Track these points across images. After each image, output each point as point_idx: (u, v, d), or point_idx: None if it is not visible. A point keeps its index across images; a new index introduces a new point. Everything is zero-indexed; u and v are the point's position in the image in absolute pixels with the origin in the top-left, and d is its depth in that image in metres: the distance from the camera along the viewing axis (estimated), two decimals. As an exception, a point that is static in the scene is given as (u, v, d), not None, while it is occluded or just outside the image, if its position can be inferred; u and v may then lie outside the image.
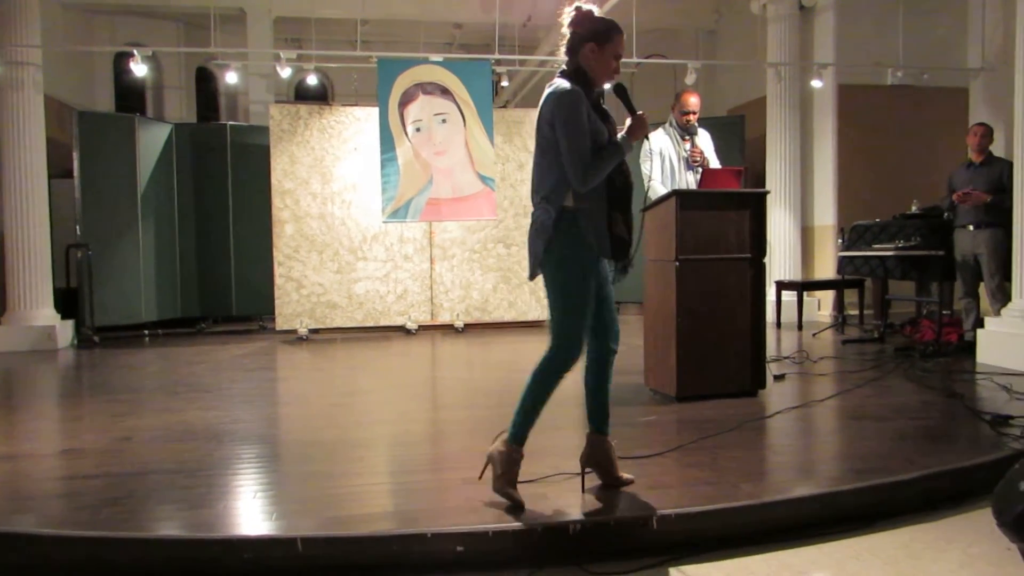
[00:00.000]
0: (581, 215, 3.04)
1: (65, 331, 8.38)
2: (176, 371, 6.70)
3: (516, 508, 2.99)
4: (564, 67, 3.20)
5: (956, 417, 4.46)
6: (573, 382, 3.30)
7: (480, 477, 3.24)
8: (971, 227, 6.65)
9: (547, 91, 3.14)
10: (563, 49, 3.22)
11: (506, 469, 3.10)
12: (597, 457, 3.27)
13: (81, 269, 8.64)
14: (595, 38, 3.12)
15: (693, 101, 5.52)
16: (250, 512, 3.08)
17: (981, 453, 3.65)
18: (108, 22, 12.11)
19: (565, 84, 3.09)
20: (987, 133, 6.77)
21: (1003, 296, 6.37)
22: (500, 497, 3.06)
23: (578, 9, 3.19)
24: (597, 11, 3.20)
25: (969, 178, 6.73)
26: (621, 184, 3.12)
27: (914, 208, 7.58)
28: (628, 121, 3.15)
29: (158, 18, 12.32)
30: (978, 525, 3.07)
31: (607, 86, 3.25)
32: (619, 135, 3.12)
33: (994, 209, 6.43)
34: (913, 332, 7.60)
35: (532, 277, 3.19)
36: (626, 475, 3.28)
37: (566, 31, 3.20)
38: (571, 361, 3.12)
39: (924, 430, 4.16)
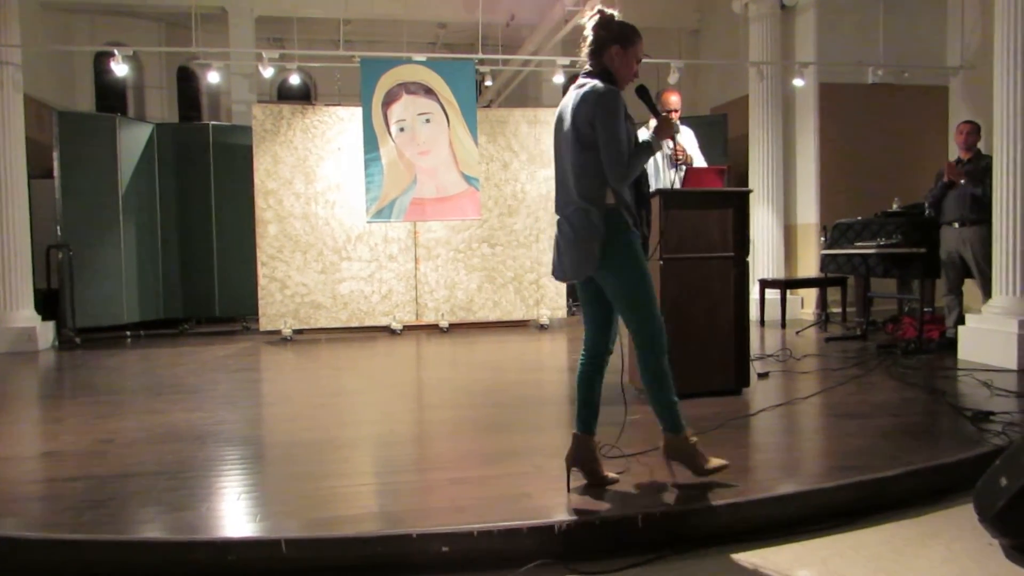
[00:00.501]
0: (625, 211, 3.14)
1: (46, 332, 8.31)
2: (159, 372, 6.66)
3: (723, 467, 3.19)
4: (589, 68, 3.27)
5: (938, 414, 4.50)
6: (551, 383, 3.29)
7: (673, 478, 3.30)
8: (956, 224, 6.69)
9: (581, 91, 3.19)
10: (586, 51, 3.28)
11: (692, 454, 3.20)
12: (583, 456, 3.27)
13: (62, 270, 8.56)
14: (620, 41, 3.21)
15: (674, 100, 5.55)
16: (234, 514, 3.06)
17: (962, 449, 3.68)
18: (88, 22, 12.01)
19: (603, 85, 3.16)
20: (974, 130, 6.80)
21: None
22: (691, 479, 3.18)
23: (601, 12, 3.26)
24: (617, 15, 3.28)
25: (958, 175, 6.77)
26: (644, 183, 3.27)
27: (895, 206, 7.63)
28: (652, 122, 3.25)
29: (139, 18, 12.23)
30: (960, 520, 3.09)
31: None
32: (647, 135, 3.20)
33: (979, 206, 6.47)
34: (895, 329, 7.65)
35: (577, 278, 3.26)
36: (611, 474, 3.28)
37: (589, 33, 3.27)
38: (664, 342, 3.22)
39: (906, 427, 4.19)
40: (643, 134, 3.28)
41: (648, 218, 3.27)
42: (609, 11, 3.27)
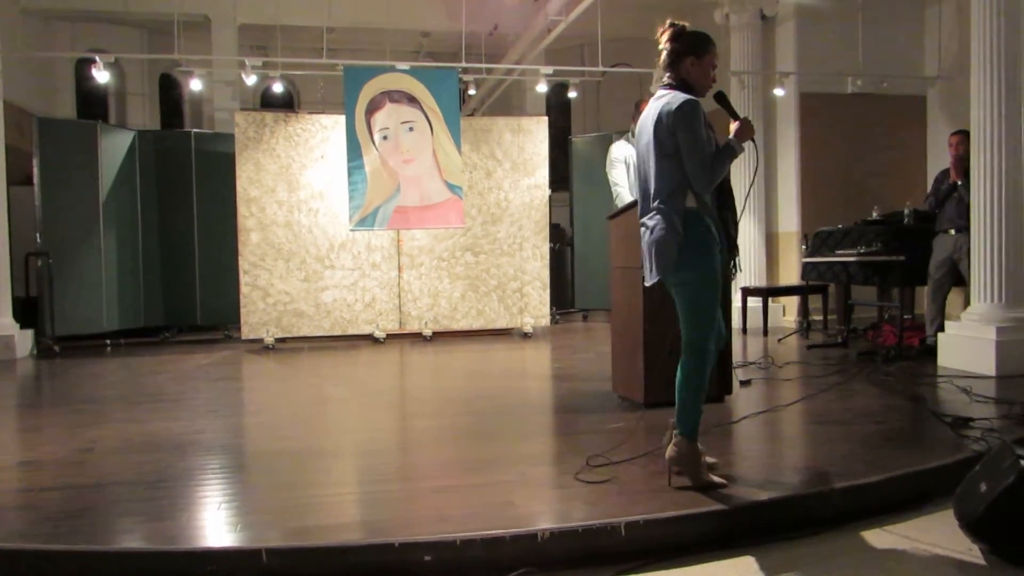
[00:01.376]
0: (705, 214, 3.27)
1: (24, 341, 8.23)
2: (138, 381, 6.60)
3: (722, 486, 3.22)
4: (668, 80, 3.41)
5: (918, 420, 4.54)
6: (535, 391, 3.30)
7: (669, 483, 3.31)
8: (952, 231, 6.73)
9: (660, 103, 3.33)
10: (663, 63, 3.42)
11: (696, 464, 3.28)
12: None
13: (41, 278, 8.48)
14: (694, 51, 3.35)
15: None
16: (214, 523, 3.04)
17: (943, 455, 3.71)
18: (70, 28, 11.93)
19: (682, 95, 3.28)
20: (963, 140, 6.80)
21: None
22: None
23: (673, 25, 3.39)
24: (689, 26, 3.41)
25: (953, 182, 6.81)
26: (727, 186, 3.43)
27: (875, 214, 7.69)
28: (733, 125, 3.36)
29: (121, 24, 12.16)
30: (941, 526, 3.11)
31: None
32: (728, 138, 3.29)
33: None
34: (876, 337, 7.70)
35: (651, 282, 3.38)
36: (717, 478, 3.30)
37: (664, 47, 3.41)
38: (711, 351, 3.30)
39: (887, 433, 4.21)
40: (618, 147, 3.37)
41: (735, 220, 3.46)
42: (680, 23, 3.39)
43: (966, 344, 6.02)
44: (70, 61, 12.07)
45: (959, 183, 6.71)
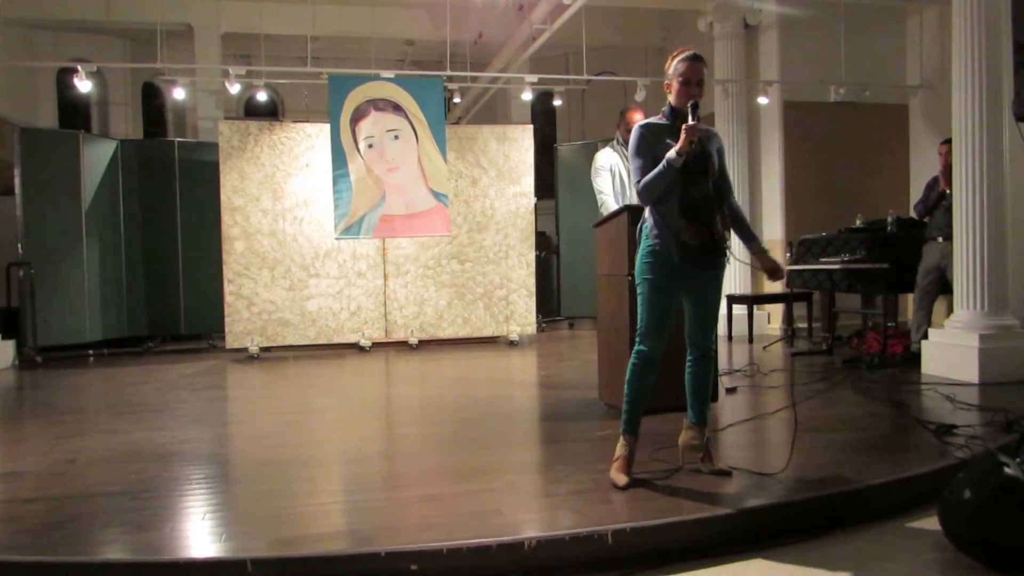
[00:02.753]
0: (655, 224, 3.48)
1: (6, 351, 8.15)
2: (122, 391, 6.55)
3: (620, 487, 3.39)
4: None
5: (902, 427, 4.56)
6: (521, 399, 3.30)
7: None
8: (941, 239, 6.77)
9: None
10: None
11: (615, 456, 3.53)
12: (690, 444, 3.69)
13: (23, 288, 8.41)
14: (668, 74, 3.56)
15: (638, 118, 5.57)
16: (198, 534, 3.02)
17: (927, 463, 3.72)
18: (51, 37, 11.86)
19: (639, 124, 3.59)
20: (952, 149, 6.82)
21: None
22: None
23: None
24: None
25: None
26: (698, 195, 3.49)
27: (858, 222, 7.74)
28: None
29: (103, 34, 12.10)
30: (925, 533, 3.13)
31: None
32: (670, 152, 3.40)
33: None
34: (860, 344, 7.74)
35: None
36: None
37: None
38: (644, 354, 3.51)
39: (871, 440, 4.23)
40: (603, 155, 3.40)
41: (696, 227, 3.49)
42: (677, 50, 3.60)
43: (949, 351, 6.06)
44: (52, 70, 12.01)
45: (948, 192, 6.75)
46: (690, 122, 3.36)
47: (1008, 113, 5.76)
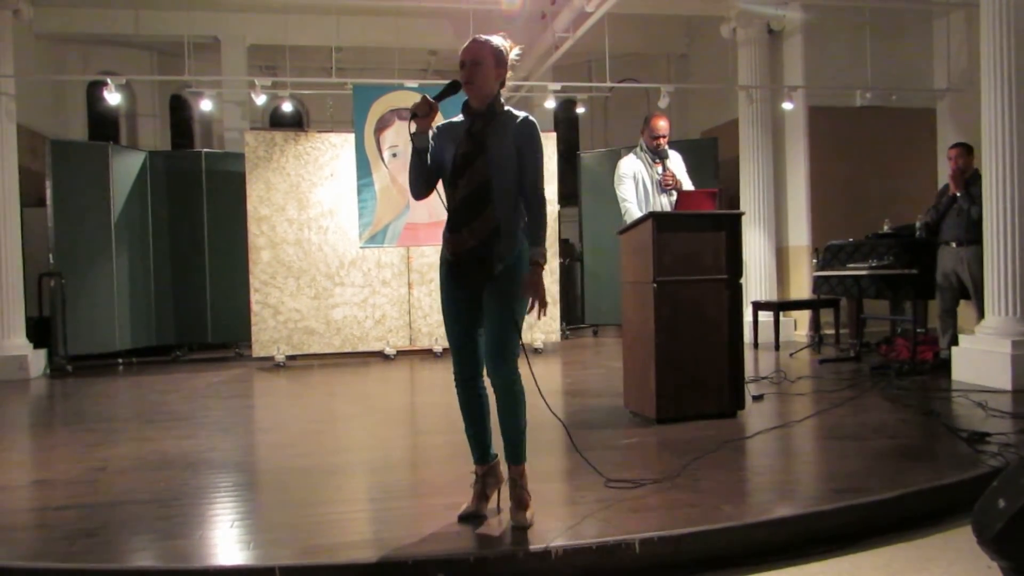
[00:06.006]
0: (445, 232, 3.30)
1: (38, 360, 8.26)
2: (150, 399, 6.62)
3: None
4: None
5: (933, 435, 4.50)
6: (544, 407, 3.34)
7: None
8: (954, 244, 6.70)
9: None
10: None
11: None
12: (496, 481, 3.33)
13: (54, 298, 8.52)
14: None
15: (662, 125, 5.56)
16: (227, 542, 3.03)
17: (959, 471, 3.67)
18: (81, 51, 12.03)
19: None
20: (961, 154, 6.76)
21: None
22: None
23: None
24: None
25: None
26: (465, 193, 3.22)
27: (886, 227, 7.66)
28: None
29: (131, 47, 12.25)
30: (958, 543, 3.08)
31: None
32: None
33: (976, 226, 6.44)
34: (888, 351, 7.66)
35: None
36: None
37: None
38: (455, 372, 3.34)
39: (902, 449, 4.18)
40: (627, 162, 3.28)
41: (472, 228, 3.19)
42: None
43: (980, 358, 5.98)
44: (82, 84, 12.18)
45: (958, 195, 6.69)
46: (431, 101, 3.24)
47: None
